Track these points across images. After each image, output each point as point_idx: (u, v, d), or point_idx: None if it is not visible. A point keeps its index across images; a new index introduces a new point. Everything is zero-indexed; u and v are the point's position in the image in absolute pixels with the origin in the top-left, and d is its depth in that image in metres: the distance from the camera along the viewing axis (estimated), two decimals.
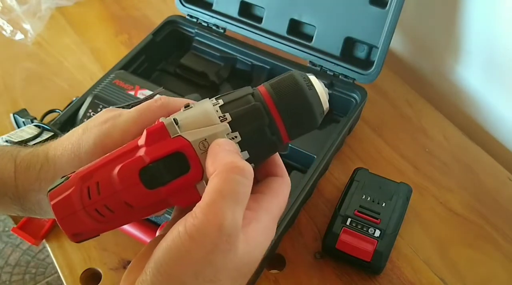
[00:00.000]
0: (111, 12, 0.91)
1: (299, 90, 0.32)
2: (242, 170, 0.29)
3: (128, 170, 0.30)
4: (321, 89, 0.33)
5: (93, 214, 0.31)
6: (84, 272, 0.58)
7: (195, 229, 0.27)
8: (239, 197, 0.28)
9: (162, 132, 0.31)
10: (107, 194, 0.31)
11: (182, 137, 0.30)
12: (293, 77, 0.33)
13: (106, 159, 0.32)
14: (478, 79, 0.73)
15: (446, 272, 0.57)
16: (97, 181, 0.31)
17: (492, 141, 0.74)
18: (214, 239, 0.27)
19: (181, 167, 0.30)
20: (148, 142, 0.31)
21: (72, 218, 0.31)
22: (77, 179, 0.31)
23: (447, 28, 0.72)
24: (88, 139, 0.36)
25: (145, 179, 0.30)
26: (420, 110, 0.74)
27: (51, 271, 1.46)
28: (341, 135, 0.63)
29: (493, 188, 0.65)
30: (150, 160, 0.30)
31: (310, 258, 0.58)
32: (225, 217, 0.27)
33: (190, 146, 0.30)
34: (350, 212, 0.57)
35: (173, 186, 0.31)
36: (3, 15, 0.88)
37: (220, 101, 0.32)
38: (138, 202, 0.31)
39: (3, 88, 0.79)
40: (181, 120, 0.31)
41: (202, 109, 0.32)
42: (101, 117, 0.37)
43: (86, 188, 0.31)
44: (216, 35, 0.76)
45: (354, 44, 0.69)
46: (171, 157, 0.30)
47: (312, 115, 0.33)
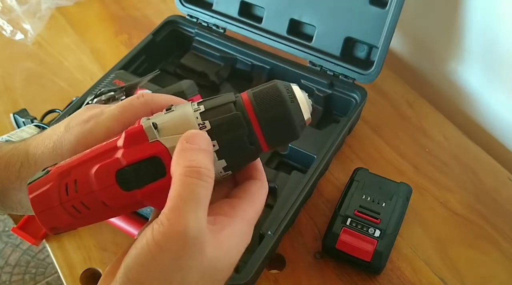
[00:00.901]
0: (111, 12, 0.91)
1: (281, 101, 0.32)
2: (199, 174, 0.29)
3: (105, 171, 0.31)
4: (304, 101, 0.33)
5: (70, 210, 0.31)
6: (84, 272, 0.58)
7: (161, 236, 0.27)
8: (199, 200, 0.28)
9: (141, 135, 0.31)
10: (84, 192, 0.31)
11: (159, 142, 0.31)
12: (276, 87, 0.32)
13: (85, 157, 0.32)
14: (478, 79, 0.73)
15: (446, 272, 0.57)
16: (75, 179, 0.31)
17: (492, 141, 0.74)
18: (180, 244, 0.27)
19: (157, 171, 0.31)
20: (126, 144, 0.31)
21: (49, 213, 0.31)
22: (56, 175, 0.31)
23: (447, 28, 0.72)
24: (70, 137, 0.36)
25: (121, 181, 0.31)
26: (420, 110, 0.74)
27: (51, 271, 1.46)
28: (341, 135, 0.63)
29: (493, 188, 0.65)
30: (127, 163, 0.31)
31: (310, 258, 0.58)
32: (188, 221, 0.27)
33: (167, 152, 0.31)
34: (350, 212, 0.57)
35: (148, 189, 0.31)
36: (3, 15, 0.88)
37: (201, 107, 0.32)
38: (114, 203, 0.31)
39: (3, 88, 0.79)
40: (160, 124, 0.31)
41: (183, 114, 0.32)
42: (83, 114, 0.37)
43: (64, 185, 0.31)
44: (216, 35, 0.76)
45: (354, 44, 0.69)
46: (147, 161, 0.31)
47: (292, 127, 0.32)
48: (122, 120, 0.36)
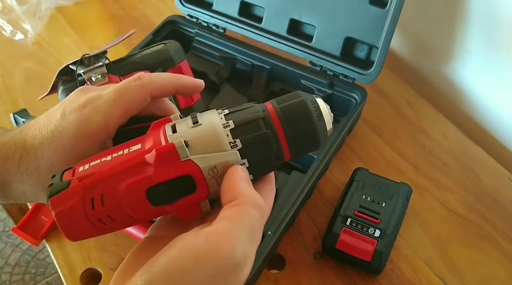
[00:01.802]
0: (111, 12, 0.91)
1: (309, 120, 0.33)
2: (262, 208, 0.29)
3: (136, 188, 0.31)
4: (327, 115, 0.34)
5: (95, 223, 0.31)
6: (84, 272, 0.58)
7: (204, 254, 0.26)
8: (255, 233, 0.28)
9: (172, 154, 0.30)
10: (111, 207, 0.31)
11: (192, 162, 0.30)
12: (305, 106, 0.33)
13: (110, 169, 0.31)
14: (478, 79, 0.73)
15: (446, 272, 0.57)
16: (101, 193, 0.31)
17: (492, 141, 0.74)
18: (220, 266, 0.26)
19: (188, 187, 0.31)
20: (157, 163, 0.31)
21: (75, 227, 0.31)
22: (80, 189, 0.31)
23: (447, 28, 0.72)
24: (69, 126, 0.35)
25: (152, 198, 0.31)
26: (420, 110, 0.74)
27: (51, 271, 1.46)
28: (341, 135, 0.63)
29: (493, 188, 0.65)
30: (159, 181, 0.30)
31: (310, 258, 0.58)
32: (238, 246, 0.27)
33: (199, 172, 0.31)
34: (350, 212, 0.57)
35: (178, 205, 0.31)
36: (3, 15, 0.88)
37: (230, 123, 0.32)
38: (142, 216, 0.32)
39: (3, 88, 0.79)
40: (190, 141, 0.31)
41: (213, 131, 0.31)
42: (78, 99, 0.36)
43: (90, 199, 0.31)
44: (216, 35, 0.76)
45: (354, 44, 0.69)
46: (179, 179, 0.31)
47: (317, 143, 0.33)
48: (120, 104, 0.35)
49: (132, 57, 0.57)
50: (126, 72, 0.55)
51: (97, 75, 0.52)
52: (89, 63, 0.53)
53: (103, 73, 0.52)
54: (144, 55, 0.57)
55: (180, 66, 0.58)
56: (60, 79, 0.56)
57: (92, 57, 0.53)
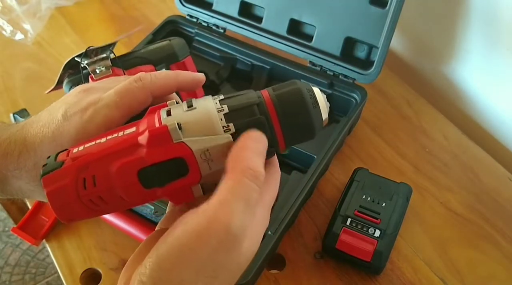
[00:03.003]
0: (111, 12, 0.91)
1: (304, 108, 0.33)
2: (256, 177, 0.29)
3: (127, 169, 0.31)
4: (323, 104, 0.34)
5: (87, 203, 0.31)
6: (84, 272, 0.58)
7: (204, 227, 0.27)
8: (250, 202, 0.28)
9: (165, 135, 0.31)
10: (103, 188, 0.31)
11: (185, 144, 0.30)
12: (299, 92, 0.33)
13: (103, 150, 0.32)
14: (478, 79, 0.73)
15: (446, 272, 0.57)
16: (93, 174, 0.31)
17: (492, 141, 0.74)
18: (220, 238, 0.27)
19: (180, 171, 0.31)
20: (150, 144, 0.31)
21: (66, 207, 0.31)
22: (73, 169, 0.31)
23: (447, 28, 0.72)
24: (70, 128, 0.35)
25: (143, 179, 0.31)
26: (420, 110, 0.74)
27: (51, 271, 1.46)
28: (341, 135, 0.63)
29: (493, 188, 0.65)
30: (151, 163, 0.30)
31: (310, 258, 0.58)
32: (234, 217, 0.27)
33: (192, 154, 0.31)
34: (350, 212, 0.57)
35: (169, 188, 0.31)
36: (3, 15, 0.88)
37: (224, 108, 0.32)
38: (133, 198, 0.32)
39: (3, 88, 0.79)
40: (184, 124, 0.31)
41: (206, 115, 0.32)
42: (80, 101, 0.36)
43: (82, 179, 0.31)
44: (216, 35, 0.76)
45: (354, 44, 0.69)
46: (171, 161, 0.30)
47: (312, 131, 0.33)
48: (122, 106, 0.35)
49: (136, 52, 0.57)
50: (130, 66, 0.55)
51: (101, 67, 0.52)
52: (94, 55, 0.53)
53: (107, 65, 0.52)
54: (148, 50, 0.57)
55: (184, 62, 0.58)
56: (66, 72, 0.56)
57: (97, 50, 0.53)
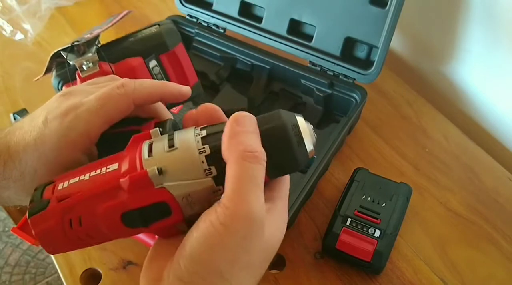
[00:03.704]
0: (111, 12, 0.91)
1: (289, 147, 0.31)
2: (255, 157, 0.29)
3: (111, 213, 0.31)
4: (309, 139, 0.32)
5: (74, 240, 0.33)
6: (84, 272, 0.58)
7: (228, 218, 0.28)
8: (258, 182, 0.29)
9: (146, 181, 0.31)
10: (88, 227, 0.32)
11: (166, 189, 0.30)
12: (284, 130, 0.31)
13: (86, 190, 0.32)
14: (478, 79, 0.73)
15: (446, 272, 0.57)
16: (79, 215, 0.32)
17: (492, 141, 0.74)
18: (246, 225, 0.28)
19: (163, 212, 0.31)
20: (131, 189, 0.31)
21: (55, 244, 0.33)
22: (58, 211, 0.32)
23: (447, 28, 0.72)
24: (51, 135, 0.35)
25: (127, 221, 0.31)
26: (420, 110, 0.74)
27: (51, 271, 1.46)
28: (341, 135, 0.63)
29: (493, 188, 0.65)
30: (133, 208, 0.31)
31: (310, 258, 0.58)
32: (252, 202, 0.28)
33: (173, 199, 0.31)
34: (350, 212, 0.57)
35: (153, 227, 0.32)
36: (3, 15, 0.88)
37: (206, 149, 0.31)
38: (118, 236, 0.33)
39: (3, 88, 0.79)
40: (165, 168, 0.31)
41: (188, 158, 0.31)
42: (60, 106, 0.36)
43: (68, 220, 0.32)
44: (216, 35, 0.76)
45: (354, 44, 0.69)
46: (154, 205, 0.31)
47: (296, 167, 0.32)
48: (102, 113, 0.35)
49: (123, 42, 0.54)
50: (118, 59, 0.52)
51: (89, 63, 0.51)
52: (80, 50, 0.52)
53: (95, 61, 0.51)
54: (137, 39, 0.54)
55: (175, 51, 0.55)
56: (54, 61, 0.55)
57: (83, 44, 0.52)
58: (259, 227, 0.28)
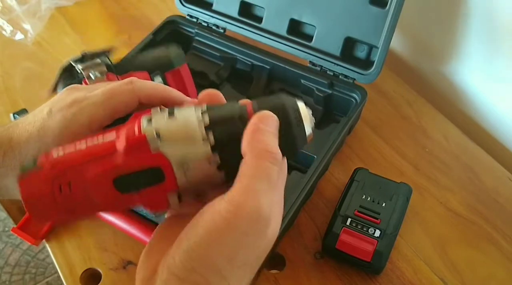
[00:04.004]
0: (111, 12, 0.91)
1: (288, 124, 0.32)
2: (274, 158, 0.29)
3: (103, 176, 0.31)
4: (308, 122, 0.33)
5: (61, 208, 0.31)
6: (84, 272, 0.58)
7: (233, 214, 0.27)
8: (271, 183, 0.29)
9: (143, 144, 0.30)
10: (78, 193, 0.31)
11: (162, 155, 0.30)
12: (284, 109, 0.32)
13: (80, 156, 0.31)
14: (478, 79, 0.73)
15: (446, 272, 0.57)
16: (69, 181, 0.31)
17: (492, 141, 0.74)
18: (250, 223, 0.27)
19: (156, 178, 0.31)
20: (127, 151, 0.31)
21: (41, 209, 0.31)
22: (49, 174, 0.31)
23: (447, 28, 0.72)
24: (54, 126, 0.35)
25: (119, 185, 0.31)
26: (420, 110, 0.74)
27: (51, 271, 1.46)
28: (341, 135, 0.63)
29: (493, 188, 0.65)
30: (128, 171, 0.30)
31: (310, 258, 0.58)
32: (261, 202, 0.28)
33: (169, 165, 0.30)
34: (350, 212, 0.57)
35: (145, 193, 0.31)
36: (3, 15, 0.88)
37: (205, 119, 0.31)
38: (108, 203, 0.32)
39: (3, 88, 0.79)
40: (163, 133, 0.31)
41: (186, 124, 0.31)
42: (66, 98, 0.36)
43: (58, 185, 0.31)
44: (216, 35, 0.76)
45: (354, 44, 0.69)
46: (148, 170, 0.30)
47: (295, 149, 0.33)
48: (107, 106, 0.35)
49: (132, 58, 0.57)
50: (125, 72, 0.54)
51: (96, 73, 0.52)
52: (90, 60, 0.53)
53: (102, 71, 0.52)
54: (144, 57, 0.57)
55: (180, 69, 0.58)
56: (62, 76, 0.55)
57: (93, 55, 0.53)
58: (264, 226, 0.28)
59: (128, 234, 0.60)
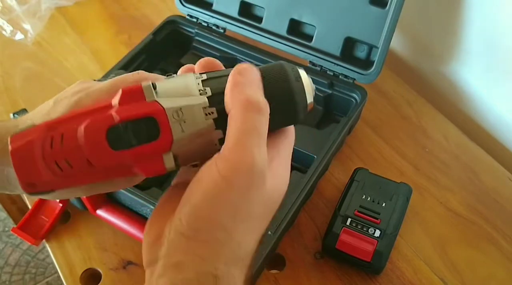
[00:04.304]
0: (111, 12, 0.91)
1: (286, 79, 0.32)
2: (259, 108, 0.29)
3: (96, 126, 0.30)
4: (308, 83, 0.33)
5: (51, 166, 0.30)
6: (84, 272, 0.58)
7: (229, 170, 0.27)
8: (260, 134, 0.29)
9: (138, 93, 0.30)
10: (69, 147, 0.30)
11: (157, 102, 0.30)
12: (282, 66, 0.33)
13: (76, 112, 0.31)
14: (478, 79, 0.73)
15: (446, 272, 0.57)
16: (62, 133, 0.30)
17: (492, 141, 0.74)
18: (248, 177, 0.28)
19: (151, 133, 0.30)
20: (122, 101, 0.30)
21: (29, 166, 0.30)
22: (42, 127, 0.30)
23: (447, 28, 0.72)
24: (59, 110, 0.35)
25: (112, 139, 0.30)
26: (420, 110, 0.74)
27: (51, 271, 1.45)
28: (341, 135, 0.63)
29: (493, 188, 0.65)
30: (120, 120, 0.29)
31: (310, 258, 0.58)
32: (254, 154, 0.28)
33: (163, 113, 0.29)
34: (350, 212, 0.57)
35: (138, 151, 0.30)
36: (3, 15, 0.88)
37: (203, 75, 0.32)
38: (100, 161, 0.30)
39: (3, 88, 0.79)
40: (159, 86, 0.31)
41: (183, 80, 0.31)
42: (73, 88, 0.36)
43: (50, 138, 0.30)
44: (216, 35, 0.76)
45: (354, 44, 0.69)
46: (142, 120, 0.29)
47: (294, 106, 0.32)
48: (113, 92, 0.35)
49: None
50: None
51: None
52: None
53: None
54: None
55: None
56: None
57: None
58: (260, 179, 0.28)
59: (128, 234, 0.60)
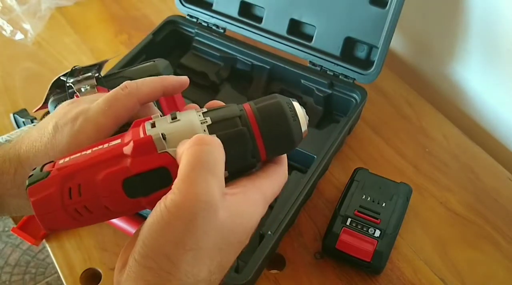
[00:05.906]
0: (111, 12, 0.91)
1: (285, 121, 0.33)
2: (204, 141, 0.30)
3: (112, 179, 0.31)
4: (303, 117, 0.35)
5: (71, 213, 0.32)
6: (84, 272, 0.58)
7: (173, 204, 0.28)
8: (209, 165, 0.29)
9: (150, 145, 0.31)
10: (88, 197, 0.32)
11: (168, 154, 0.31)
12: (280, 106, 0.34)
13: (88, 160, 0.32)
14: (478, 79, 0.73)
15: (446, 272, 0.57)
16: (79, 183, 0.32)
17: (492, 141, 0.74)
18: (191, 209, 0.28)
19: (164, 181, 0.32)
20: (135, 154, 0.31)
21: (51, 216, 0.32)
22: (58, 178, 0.32)
23: (447, 28, 0.72)
24: (62, 139, 0.36)
25: (128, 189, 0.32)
26: (420, 110, 0.74)
27: (51, 271, 1.46)
28: (341, 135, 0.63)
29: (493, 188, 0.65)
30: (135, 173, 0.31)
31: (310, 258, 0.58)
32: (198, 187, 0.28)
33: (175, 163, 0.31)
34: (350, 212, 0.57)
35: (153, 197, 0.32)
36: (3, 15, 0.88)
37: (208, 120, 0.33)
38: (117, 208, 0.32)
39: (3, 88, 0.79)
40: (168, 135, 0.32)
41: (190, 126, 0.33)
42: (70, 112, 0.37)
43: (68, 189, 0.32)
44: (216, 35, 0.76)
45: (354, 44, 0.69)
46: (155, 171, 0.31)
47: (292, 143, 0.34)
48: (110, 114, 0.36)
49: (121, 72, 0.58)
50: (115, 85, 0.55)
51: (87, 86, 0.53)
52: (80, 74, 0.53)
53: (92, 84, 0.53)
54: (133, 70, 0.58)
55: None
56: (53, 92, 0.56)
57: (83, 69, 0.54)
58: (206, 211, 0.28)
59: (128, 234, 0.60)
